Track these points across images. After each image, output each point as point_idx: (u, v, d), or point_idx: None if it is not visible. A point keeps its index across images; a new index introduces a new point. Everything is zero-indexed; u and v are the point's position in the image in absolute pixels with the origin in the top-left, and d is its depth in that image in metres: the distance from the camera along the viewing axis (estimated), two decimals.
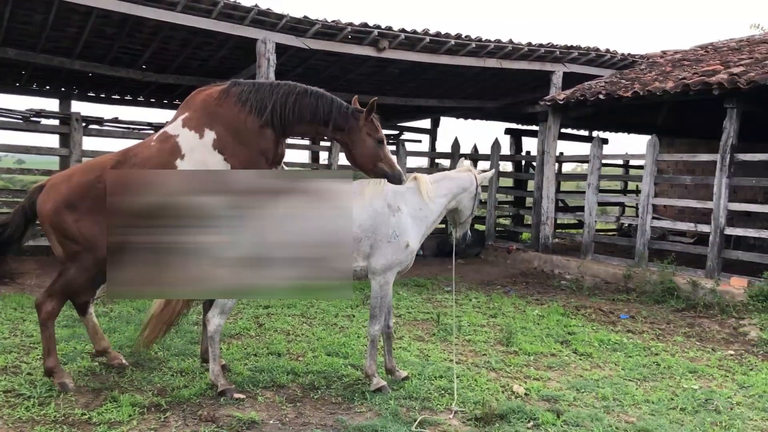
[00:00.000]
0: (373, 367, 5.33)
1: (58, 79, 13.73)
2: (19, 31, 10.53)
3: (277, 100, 5.16)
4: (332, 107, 5.25)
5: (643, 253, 11.01)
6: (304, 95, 5.23)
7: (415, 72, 13.23)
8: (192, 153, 5.12)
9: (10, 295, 8.04)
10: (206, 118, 5.18)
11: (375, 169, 5.32)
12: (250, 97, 5.16)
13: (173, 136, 5.19)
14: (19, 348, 5.92)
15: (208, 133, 5.15)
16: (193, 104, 5.33)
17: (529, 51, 12.07)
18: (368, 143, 5.28)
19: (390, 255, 5.24)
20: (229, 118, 5.16)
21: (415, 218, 5.41)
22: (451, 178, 5.70)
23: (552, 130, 12.83)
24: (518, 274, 12.11)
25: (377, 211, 5.26)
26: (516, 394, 5.39)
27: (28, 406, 4.60)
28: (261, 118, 5.15)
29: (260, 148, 5.21)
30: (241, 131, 5.15)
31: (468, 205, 5.74)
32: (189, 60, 12.33)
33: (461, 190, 5.65)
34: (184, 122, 5.23)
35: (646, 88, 10.86)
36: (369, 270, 5.30)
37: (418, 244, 5.48)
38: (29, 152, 12.29)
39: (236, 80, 5.44)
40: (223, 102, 5.20)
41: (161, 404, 4.76)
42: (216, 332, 5.09)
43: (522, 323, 7.98)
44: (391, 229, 5.24)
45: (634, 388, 5.73)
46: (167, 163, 5.08)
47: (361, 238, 5.22)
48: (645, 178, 11.17)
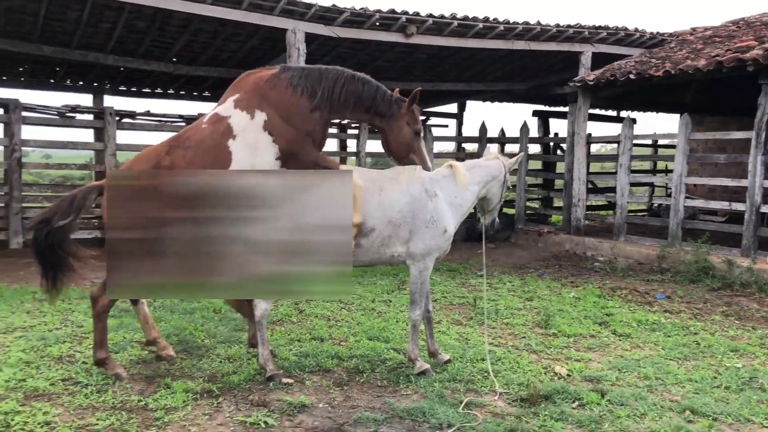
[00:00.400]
0: (415, 351, 5.42)
1: (91, 74, 13.95)
2: (54, 28, 10.73)
3: (327, 85, 5.26)
4: (377, 94, 5.34)
5: (676, 233, 10.94)
6: (352, 81, 5.32)
7: (442, 56, 13.23)
8: (244, 133, 5.22)
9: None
10: (257, 100, 5.29)
11: (407, 158, 5.42)
12: (300, 82, 5.27)
13: (225, 118, 5.30)
14: (71, 338, 6.11)
15: (258, 114, 5.26)
16: (244, 86, 5.44)
17: (558, 32, 11.99)
18: (405, 132, 5.37)
19: (428, 240, 5.31)
20: (280, 101, 5.26)
21: (451, 205, 5.47)
22: (482, 166, 5.74)
23: (582, 111, 12.75)
24: (550, 257, 12.11)
25: (415, 197, 5.32)
26: (558, 375, 5.45)
27: (86, 394, 4.77)
28: (311, 102, 5.25)
29: (308, 130, 5.30)
30: (290, 113, 5.26)
31: (497, 192, 5.79)
32: (219, 52, 12.45)
33: (491, 177, 5.69)
34: (235, 103, 5.34)
35: (678, 66, 10.74)
36: (408, 255, 5.37)
37: (454, 230, 5.54)
38: (66, 147, 12.55)
39: (285, 65, 5.54)
40: (274, 85, 5.30)
41: (213, 390, 4.90)
42: (263, 317, 5.21)
43: (558, 306, 8.01)
44: (429, 215, 5.30)
45: (676, 368, 5.75)
46: (219, 144, 5.20)
47: (401, 224, 5.29)
48: (678, 157, 11.08)
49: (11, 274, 9.22)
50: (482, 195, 5.73)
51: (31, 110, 11.76)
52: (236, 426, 4.33)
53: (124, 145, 12.54)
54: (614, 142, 14.02)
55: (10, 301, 7.44)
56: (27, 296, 7.75)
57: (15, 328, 6.40)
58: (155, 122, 12.94)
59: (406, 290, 8.75)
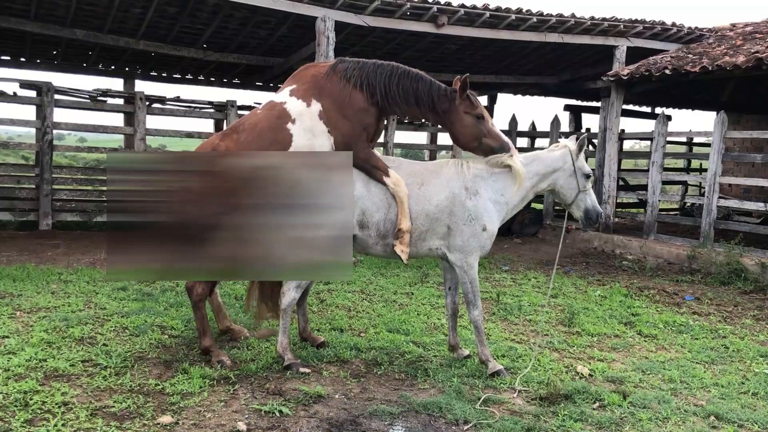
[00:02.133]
0: (485, 352, 5.27)
1: (122, 59, 14.08)
2: (86, 12, 10.81)
3: (381, 80, 5.23)
4: (431, 90, 5.25)
5: (708, 233, 10.71)
6: (405, 77, 5.26)
7: (473, 48, 13.08)
8: (301, 118, 5.26)
9: (83, 269, 8.36)
10: (314, 91, 5.33)
11: (481, 146, 5.30)
12: (354, 74, 5.26)
13: (280, 103, 5.35)
14: (93, 320, 6.15)
15: (315, 103, 5.29)
16: (302, 78, 5.49)
17: (592, 25, 11.76)
18: (467, 121, 5.25)
19: (467, 237, 5.17)
20: (335, 93, 5.28)
21: (496, 203, 5.26)
22: (541, 159, 5.41)
23: (615, 107, 12.53)
24: (578, 254, 11.93)
25: (454, 193, 5.19)
26: (580, 375, 5.35)
27: (105, 376, 4.79)
28: (365, 96, 5.25)
29: (363, 123, 5.29)
30: (345, 106, 5.26)
31: (566, 184, 5.37)
32: (248, 39, 12.46)
33: (551, 170, 5.35)
34: (291, 92, 5.39)
35: (716, 62, 10.47)
36: (448, 252, 5.26)
37: (497, 227, 5.33)
38: (96, 131, 12.69)
39: (342, 58, 5.51)
40: (330, 77, 5.33)
41: (230, 377, 4.88)
42: (289, 306, 5.21)
43: (584, 304, 7.88)
44: (466, 212, 5.15)
45: (702, 371, 5.60)
46: (276, 126, 5.24)
47: (438, 218, 5.19)
48: (712, 156, 10.82)
49: (39, 254, 9.34)
50: (546, 188, 5.44)
51: (63, 93, 11.91)
52: (251, 414, 4.31)
53: (153, 130, 12.66)
54: (647, 139, 13.76)
55: (37, 281, 7.53)
56: (53, 276, 7.84)
57: (40, 308, 6.47)
58: (185, 108, 13.02)
59: (429, 283, 8.68)
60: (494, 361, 5.26)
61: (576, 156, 5.34)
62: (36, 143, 11.82)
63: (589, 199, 5.39)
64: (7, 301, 6.63)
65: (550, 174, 5.37)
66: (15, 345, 5.26)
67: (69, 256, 9.29)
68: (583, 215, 5.40)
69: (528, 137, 15.50)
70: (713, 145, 10.83)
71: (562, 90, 16.94)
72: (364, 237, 5.23)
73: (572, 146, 5.36)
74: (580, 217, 5.44)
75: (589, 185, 5.41)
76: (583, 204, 5.39)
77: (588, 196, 5.39)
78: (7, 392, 4.35)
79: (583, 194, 5.38)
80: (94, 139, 40.59)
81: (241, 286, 7.66)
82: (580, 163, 5.36)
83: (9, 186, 11.72)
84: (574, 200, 5.38)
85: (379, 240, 5.23)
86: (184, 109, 13.00)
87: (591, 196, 5.42)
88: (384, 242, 5.23)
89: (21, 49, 13.41)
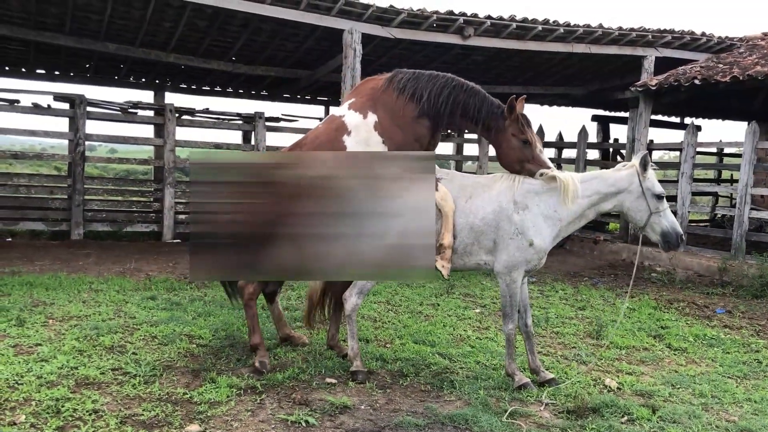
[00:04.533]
0: (512, 366, 5.21)
1: (153, 71, 14.30)
2: (118, 26, 11.03)
3: (433, 91, 5.28)
4: (483, 106, 5.25)
5: (740, 245, 10.53)
6: (459, 90, 5.28)
7: (499, 59, 13.07)
8: (357, 130, 5.40)
9: (113, 278, 8.49)
10: (370, 103, 5.47)
11: (523, 170, 5.25)
12: (407, 85, 5.34)
13: (339, 117, 5.54)
14: (123, 329, 6.24)
15: (371, 115, 5.42)
16: (361, 91, 5.66)
17: (620, 35, 11.68)
18: (513, 144, 5.23)
19: (513, 252, 5.08)
20: (390, 104, 5.39)
21: (549, 218, 5.13)
22: (603, 177, 5.20)
23: (643, 117, 12.41)
24: (605, 266, 11.81)
25: (502, 207, 5.12)
26: (608, 388, 5.29)
27: (134, 384, 4.86)
28: (417, 107, 5.31)
29: (416, 135, 5.37)
30: (398, 117, 5.36)
31: (635, 206, 5.09)
32: (276, 51, 12.60)
33: (614, 190, 5.11)
34: (350, 106, 5.57)
35: (747, 72, 10.34)
36: (494, 266, 5.19)
37: (551, 244, 5.22)
38: (127, 142, 12.93)
39: (399, 69, 5.58)
40: (386, 89, 5.45)
41: (257, 387, 4.92)
42: (353, 311, 5.32)
43: (612, 316, 7.79)
44: (513, 226, 5.07)
45: (734, 386, 5.51)
46: (334, 138, 5.42)
47: (484, 231, 5.14)
48: (743, 166, 10.66)
49: (71, 263, 9.51)
50: (607, 209, 5.25)
51: (95, 105, 12.16)
52: (278, 424, 4.33)
53: (182, 141, 12.84)
54: (677, 150, 13.60)
55: (68, 290, 7.66)
56: (84, 286, 7.97)
57: (71, 316, 6.58)
58: (213, 119, 13.21)
59: (455, 294, 8.66)
60: (521, 374, 5.22)
61: (643, 176, 5.08)
62: (69, 154, 12.07)
63: (665, 221, 5.06)
64: (40, 309, 6.76)
65: (614, 194, 5.13)
66: (47, 352, 5.37)
67: (99, 266, 9.45)
68: (661, 238, 5.08)
69: (555, 148, 15.41)
70: (744, 155, 10.67)
71: (589, 100, 16.84)
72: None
73: (641, 170, 5.12)
74: (658, 240, 5.12)
75: (663, 206, 5.08)
76: (659, 227, 5.07)
77: (663, 218, 5.07)
78: (39, 399, 4.44)
79: (657, 216, 5.06)
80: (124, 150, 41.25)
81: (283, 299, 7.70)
82: (648, 183, 5.07)
83: (42, 196, 11.98)
84: (647, 223, 5.09)
85: None
86: (213, 120, 13.19)
87: (668, 217, 5.08)
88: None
89: (55, 63, 13.72)
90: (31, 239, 11.53)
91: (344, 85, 9.96)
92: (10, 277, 8.15)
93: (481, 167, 14.67)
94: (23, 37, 11.22)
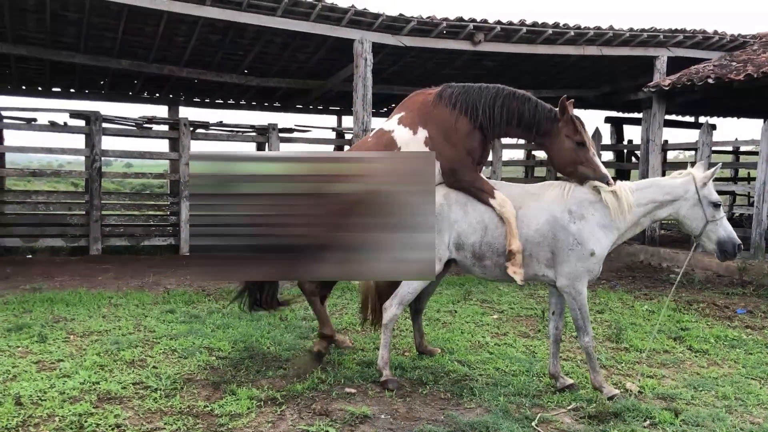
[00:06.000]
0: (598, 379, 5.09)
1: (166, 86, 14.45)
2: (132, 43, 11.17)
3: (486, 103, 5.24)
4: (536, 111, 5.20)
5: (759, 244, 10.43)
6: (512, 99, 5.23)
7: (510, 63, 13.07)
8: (407, 146, 5.40)
9: (132, 292, 8.57)
10: (420, 118, 5.45)
11: (576, 172, 5.18)
12: (459, 99, 5.31)
13: (389, 132, 5.52)
14: (143, 342, 6.29)
15: (421, 131, 5.41)
16: (410, 105, 5.63)
17: (631, 36, 11.64)
18: (566, 146, 5.13)
19: (575, 263, 4.99)
20: (441, 119, 5.36)
21: (605, 227, 5.05)
22: (660, 185, 5.17)
23: (657, 118, 12.35)
24: (623, 268, 11.73)
25: (556, 218, 5.04)
26: (630, 392, 5.24)
27: (155, 398, 4.89)
28: (470, 121, 5.28)
29: (468, 148, 5.30)
30: (450, 132, 5.32)
31: (691, 214, 5.04)
32: (288, 63, 12.68)
33: (670, 198, 5.07)
34: (399, 120, 5.55)
35: (761, 69, 10.26)
36: (556, 278, 5.10)
37: (607, 251, 5.13)
38: (143, 157, 13.05)
39: (449, 84, 5.55)
40: (436, 104, 5.42)
41: (277, 398, 4.93)
42: (391, 321, 5.33)
43: (631, 319, 7.74)
44: (571, 237, 4.99)
45: (758, 388, 5.45)
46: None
47: (539, 243, 5.06)
48: (760, 165, 10.56)
49: (90, 279, 9.60)
50: (663, 216, 5.17)
51: (110, 122, 12.30)
52: None
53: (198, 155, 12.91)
54: (692, 149, 13.51)
55: (89, 306, 7.74)
56: (104, 301, 8.04)
57: (92, 331, 6.64)
58: (228, 132, 13.30)
59: (472, 301, 8.64)
60: (609, 387, 5.11)
61: (702, 184, 5.05)
62: (85, 171, 12.22)
63: (722, 230, 5.01)
64: (61, 325, 6.83)
65: (669, 202, 5.10)
66: (69, 368, 5.42)
67: (119, 280, 9.53)
68: (717, 247, 5.03)
69: None
70: (761, 153, 10.57)
71: (602, 102, 16.77)
72: (461, 259, 5.27)
73: (697, 174, 5.10)
74: (714, 250, 5.08)
75: (720, 214, 5.03)
76: (715, 235, 5.01)
77: (720, 227, 5.01)
78: (63, 415, 4.48)
79: (713, 224, 5.00)
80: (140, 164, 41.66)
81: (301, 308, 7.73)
82: (706, 191, 5.03)
83: (61, 213, 12.12)
84: (703, 231, 5.03)
85: (476, 261, 5.24)
86: (227, 133, 13.28)
87: (725, 226, 5.03)
88: (481, 264, 5.22)
89: (71, 81, 13.91)
90: (50, 256, 11.66)
91: (356, 95, 10.00)
92: (32, 294, 8.25)
93: (495, 172, 14.63)
94: (40, 57, 11.39)
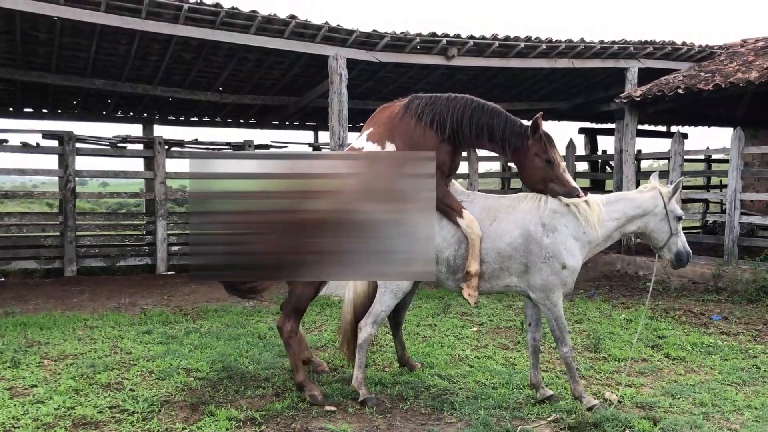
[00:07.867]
0: (578, 389, 5.12)
1: (140, 105, 14.34)
2: (104, 62, 11.08)
3: (454, 115, 5.19)
4: (505, 127, 5.15)
5: (732, 251, 10.58)
6: (481, 113, 5.17)
7: (484, 77, 13.19)
8: None
9: (108, 314, 8.45)
10: (387, 132, 5.42)
11: (546, 189, 5.17)
12: (425, 111, 5.27)
13: (359, 149, 5.51)
14: (120, 365, 6.20)
15: (388, 145, 5.38)
16: (378, 119, 5.61)
17: (602, 48, 11.81)
18: (536, 163, 5.11)
19: (547, 275, 5.03)
20: (408, 132, 5.32)
21: (578, 239, 5.10)
22: (629, 199, 5.25)
23: (629, 128, 12.51)
24: (600, 278, 11.84)
25: (529, 231, 5.06)
26: (608, 402, 5.28)
27: (132, 422, 4.82)
28: (437, 133, 5.22)
29: (437, 161, 5.14)
30: (418, 144, 5.25)
31: (658, 228, 5.18)
32: (263, 80, 12.66)
33: (640, 212, 5.17)
34: (368, 137, 5.53)
35: (728, 79, 10.46)
36: (529, 290, 5.14)
37: (581, 264, 5.19)
38: (118, 176, 12.94)
39: (416, 95, 5.52)
40: (403, 117, 5.37)
41: (256, 418, 4.88)
42: (365, 341, 5.29)
43: (609, 328, 7.80)
44: (544, 250, 5.02)
45: (734, 393, 5.51)
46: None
47: (511, 256, 5.08)
48: (731, 172, 10.74)
49: (65, 301, 9.46)
50: (633, 230, 5.26)
51: (84, 141, 12.19)
52: None
53: (173, 173, 12.86)
54: (665, 158, 13.68)
55: (63, 329, 7.61)
56: (79, 323, 7.92)
57: (67, 355, 6.54)
58: (203, 150, 13.24)
59: (452, 314, 8.64)
60: (589, 397, 5.13)
61: (668, 199, 5.17)
62: (59, 191, 12.07)
63: (680, 242, 5.22)
64: (35, 349, 6.71)
65: (639, 216, 5.19)
66: (43, 394, 5.33)
67: (94, 302, 9.41)
68: (674, 258, 5.26)
69: None
70: (731, 161, 10.75)
71: (575, 114, 16.97)
72: (435, 272, 5.26)
73: (663, 189, 5.21)
74: (671, 260, 5.29)
75: (680, 227, 5.24)
76: (675, 247, 5.22)
77: (679, 239, 5.22)
78: None
79: (675, 237, 5.20)
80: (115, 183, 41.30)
81: (264, 325, 7.68)
82: (672, 206, 5.18)
83: (35, 234, 11.95)
84: (666, 243, 5.22)
85: (450, 276, 5.26)
86: (203, 151, 13.22)
87: (682, 238, 5.25)
88: (455, 278, 5.24)
89: (43, 101, 13.73)
90: (24, 278, 11.47)
91: (332, 110, 10.02)
92: (4, 318, 8.10)
93: (471, 185, 14.71)
94: (11, 77, 11.25)
